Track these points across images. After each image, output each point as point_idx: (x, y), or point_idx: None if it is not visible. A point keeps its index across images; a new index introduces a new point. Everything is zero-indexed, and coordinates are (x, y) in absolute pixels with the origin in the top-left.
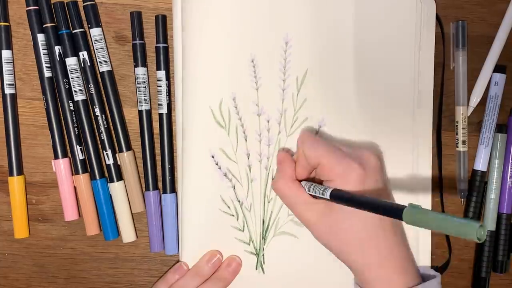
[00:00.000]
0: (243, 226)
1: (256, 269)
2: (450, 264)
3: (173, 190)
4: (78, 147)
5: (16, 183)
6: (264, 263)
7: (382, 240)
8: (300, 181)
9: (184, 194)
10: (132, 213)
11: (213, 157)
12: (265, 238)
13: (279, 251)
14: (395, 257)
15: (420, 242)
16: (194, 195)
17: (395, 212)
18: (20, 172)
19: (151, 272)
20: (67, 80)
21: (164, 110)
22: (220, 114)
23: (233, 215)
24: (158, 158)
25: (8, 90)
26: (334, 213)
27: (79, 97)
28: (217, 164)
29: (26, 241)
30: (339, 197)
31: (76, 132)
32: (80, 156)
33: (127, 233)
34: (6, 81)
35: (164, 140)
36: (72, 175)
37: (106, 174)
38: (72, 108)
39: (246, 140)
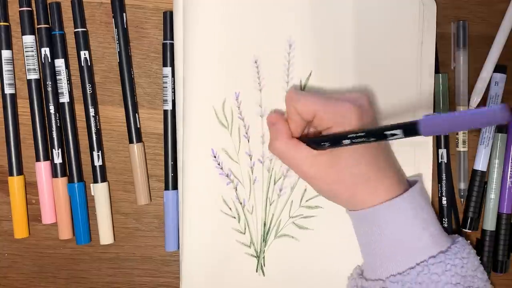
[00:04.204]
0: (244, 229)
1: (256, 271)
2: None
3: (176, 187)
4: (57, 150)
5: (16, 183)
6: (264, 265)
7: (382, 171)
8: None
9: (185, 194)
10: (112, 216)
11: (215, 157)
12: (266, 240)
13: (280, 254)
14: (395, 182)
15: None
16: (195, 195)
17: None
18: (20, 172)
19: (151, 272)
20: (50, 82)
21: (169, 107)
22: (223, 114)
23: (234, 217)
24: (161, 153)
25: (8, 90)
26: (340, 160)
27: (64, 99)
28: (219, 164)
29: (26, 241)
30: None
31: (55, 135)
32: (58, 159)
33: (105, 236)
34: (6, 81)
35: (168, 136)
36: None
37: (85, 177)
38: (52, 111)
39: (248, 141)
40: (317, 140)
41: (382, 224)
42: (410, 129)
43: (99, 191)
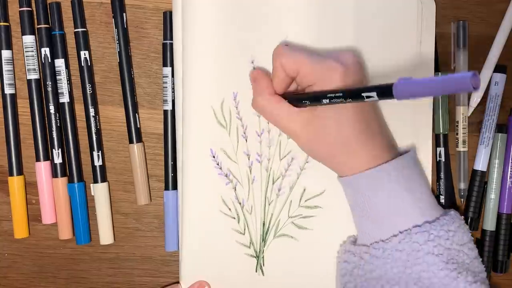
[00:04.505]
0: (244, 229)
1: (256, 271)
2: None
3: (175, 187)
4: (57, 150)
5: (16, 183)
6: (263, 265)
7: (365, 136)
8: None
9: (184, 194)
10: (112, 216)
11: (214, 157)
12: (265, 240)
13: (279, 253)
14: (382, 149)
15: None
16: (195, 195)
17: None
18: (20, 172)
19: (151, 272)
20: (50, 82)
21: (169, 107)
22: (221, 114)
23: (234, 218)
24: (161, 153)
25: (8, 90)
26: (319, 118)
27: (64, 99)
28: (218, 164)
29: (26, 241)
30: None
31: (55, 135)
32: (58, 159)
33: (105, 236)
34: (6, 81)
35: (168, 136)
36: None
37: (85, 177)
38: (52, 111)
39: (246, 140)
40: (298, 98)
41: (366, 192)
42: (386, 91)
43: (99, 191)
